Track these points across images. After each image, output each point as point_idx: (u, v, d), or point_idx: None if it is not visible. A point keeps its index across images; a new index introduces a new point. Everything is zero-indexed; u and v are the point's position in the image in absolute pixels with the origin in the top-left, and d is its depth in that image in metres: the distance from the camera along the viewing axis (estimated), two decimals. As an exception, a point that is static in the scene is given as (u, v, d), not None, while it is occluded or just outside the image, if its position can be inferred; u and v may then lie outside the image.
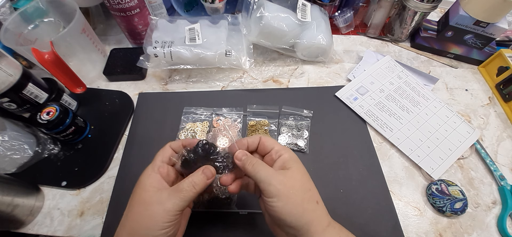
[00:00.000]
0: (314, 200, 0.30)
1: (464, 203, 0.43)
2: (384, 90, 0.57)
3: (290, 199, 0.28)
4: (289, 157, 0.31)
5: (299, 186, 0.29)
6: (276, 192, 0.28)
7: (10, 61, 0.43)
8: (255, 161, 0.31)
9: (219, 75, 0.60)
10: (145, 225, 0.27)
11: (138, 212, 0.28)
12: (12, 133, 0.45)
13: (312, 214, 0.28)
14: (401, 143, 0.50)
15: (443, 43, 0.64)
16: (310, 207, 0.29)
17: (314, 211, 0.29)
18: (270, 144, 0.33)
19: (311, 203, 0.29)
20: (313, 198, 0.30)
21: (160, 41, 0.53)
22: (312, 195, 0.30)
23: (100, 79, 0.60)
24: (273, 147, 0.32)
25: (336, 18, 0.67)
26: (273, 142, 0.33)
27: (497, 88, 0.58)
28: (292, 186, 0.29)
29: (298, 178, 0.30)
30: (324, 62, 0.63)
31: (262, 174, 0.29)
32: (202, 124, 0.52)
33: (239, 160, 0.31)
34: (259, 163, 0.30)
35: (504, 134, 0.53)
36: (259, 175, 0.29)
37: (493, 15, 0.55)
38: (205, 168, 0.31)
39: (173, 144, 0.34)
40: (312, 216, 0.28)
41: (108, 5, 0.55)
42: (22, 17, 0.53)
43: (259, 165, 0.30)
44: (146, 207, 0.28)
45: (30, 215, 0.43)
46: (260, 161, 0.31)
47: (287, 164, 0.30)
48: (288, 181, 0.29)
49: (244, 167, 0.31)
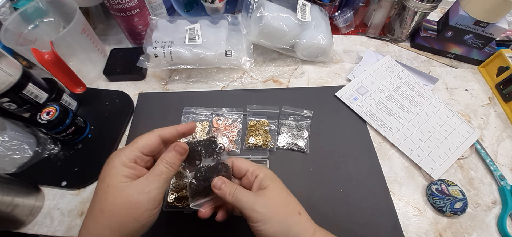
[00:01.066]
0: (296, 212, 0.30)
1: (464, 203, 0.43)
2: (384, 90, 0.57)
3: (274, 219, 0.28)
4: (264, 175, 0.32)
5: (280, 204, 0.30)
6: (261, 216, 0.28)
7: (10, 61, 0.43)
8: (234, 188, 0.30)
9: (219, 75, 0.60)
10: (134, 217, 0.27)
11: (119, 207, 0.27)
12: (12, 133, 0.45)
13: (297, 227, 0.29)
14: (401, 143, 0.50)
15: (443, 43, 0.64)
16: (294, 221, 0.30)
17: (298, 223, 0.30)
18: (244, 166, 0.33)
19: (294, 217, 0.30)
20: (295, 210, 0.31)
21: (160, 41, 0.53)
22: (293, 207, 0.31)
23: (100, 79, 0.60)
24: (247, 168, 0.33)
25: (336, 18, 0.67)
26: (247, 163, 0.33)
27: (497, 88, 0.58)
28: (274, 205, 0.29)
29: (277, 195, 0.30)
30: (324, 62, 0.63)
31: (244, 200, 0.29)
32: (202, 124, 0.52)
33: (217, 188, 0.31)
34: (239, 190, 0.30)
35: (504, 134, 0.53)
36: (241, 203, 0.29)
37: (493, 15, 0.55)
38: (176, 145, 0.31)
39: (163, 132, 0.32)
40: (297, 229, 0.29)
41: (108, 5, 0.55)
42: (22, 17, 0.53)
43: (239, 192, 0.30)
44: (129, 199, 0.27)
45: (30, 215, 0.42)
46: (239, 187, 0.31)
47: (264, 183, 0.31)
48: (269, 201, 0.29)
49: (224, 196, 0.31)
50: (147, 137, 0.31)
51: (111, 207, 0.27)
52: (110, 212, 0.27)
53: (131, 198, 0.27)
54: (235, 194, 0.30)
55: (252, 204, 0.29)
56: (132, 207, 0.27)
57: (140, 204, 0.27)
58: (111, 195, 0.27)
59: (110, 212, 0.27)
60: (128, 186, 0.27)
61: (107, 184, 0.28)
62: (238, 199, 0.30)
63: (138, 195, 0.27)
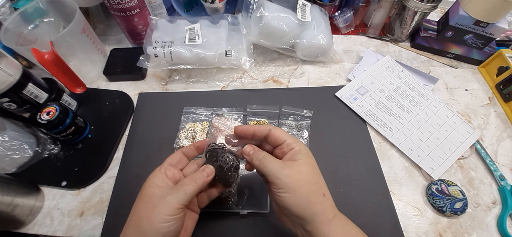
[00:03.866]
0: (321, 193, 0.30)
1: (464, 203, 0.43)
2: (384, 90, 0.57)
3: (297, 191, 0.29)
4: (299, 149, 0.32)
5: (306, 179, 0.30)
6: (283, 184, 0.29)
7: (10, 61, 0.43)
8: (262, 155, 0.32)
9: (219, 75, 0.60)
10: (147, 216, 0.29)
11: (141, 206, 0.30)
12: (12, 133, 0.45)
13: (318, 206, 0.29)
14: (401, 143, 0.50)
15: (443, 43, 0.64)
16: (316, 200, 0.29)
17: (320, 203, 0.30)
18: (281, 137, 0.33)
19: (317, 196, 0.30)
20: (320, 190, 0.30)
21: (160, 41, 0.53)
22: (319, 187, 0.31)
23: (100, 79, 0.60)
24: (285, 140, 0.33)
25: (336, 18, 0.67)
26: (285, 135, 0.33)
27: (497, 88, 0.58)
28: (299, 179, 0.29)
29: (305, 171, 0.30)
30: (324, 62, 0.63)
31: (269, 168, 0.30)
32: (202, 124, 0.52)
33: (246, 154, 0.33)
34: (266, 157, 0.31)
35: (504, 134, 0.53)
36: (266, 169, 0.30)
37: (493, 15, 0.55)
38: (206, 167, 0.33)
39: (184, 150, 0.37)
40: (317, 208, 0.29)
41: (108, 5, 0.55)
42: (22, 17, 0.53)
43: (266, 159, 0.31)
44: (149, 200, 0.30)
45: (30, 215, 0.43)
46: (267, 154, 0.32)
47: (296, 156, 0.31)
48: (295, 173, 0.29)
49: (251, 161, 0.32)
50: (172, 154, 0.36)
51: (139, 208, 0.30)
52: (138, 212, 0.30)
53: (153, 200, 0.30)
54: (262, 159, 0.31)
55: (277, 171, 0.30)
56: (150, 207, 0.29)
57: (157, 207, 0.29)
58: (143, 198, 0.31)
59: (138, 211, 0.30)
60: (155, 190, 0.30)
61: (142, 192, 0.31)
62: (264, 164, 0.31)
63: (158, 199, 0.29)
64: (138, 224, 0.29)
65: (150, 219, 0.28)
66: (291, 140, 0.32)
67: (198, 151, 0.37)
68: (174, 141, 0.50)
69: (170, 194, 0.30)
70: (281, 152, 0.33)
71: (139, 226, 0.29)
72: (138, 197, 0.31)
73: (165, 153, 0.48)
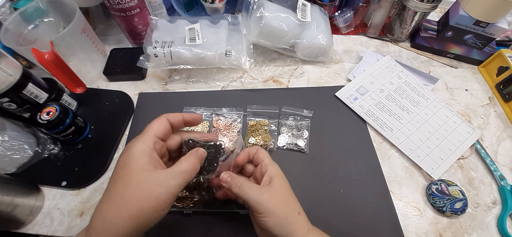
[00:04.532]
0: (296, 211, 0.33)
1: (464, 203, 0.43)
2: (384, 90, 0.57)
3: (276, 214, 0.31)
4: (276, 173, 0.34)
5: (283, 201, 0.32)
6: (264, 209, 0.31)
7: (10, 61, 0.43)
8: (240, 182, 0.33)
9: (219, 75, 0.60)
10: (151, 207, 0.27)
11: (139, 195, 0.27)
12: (12, 133, 0.45)
13: (294, 225, 0.32)
14: (401, 143, 0.50)
15: (443, 43, 0.64)
16: (293, 218, 0.32)
17: (296, 221, 0.32)
18: (261, 157, 0.36)
19: (293, 215, 0.32)
20: (295, 209, 0.33)
21: (160, 41, 0.53)
22: (294, 207, 0.33)
23: (100, 79, 0.60)
24: (263, 159, 0.36)
25: (336, 18, 0.67)
26: (264, 155, 0.36)
27: (497, 88, 0.58)
28: (277, 202, 0.32)
29: (281, 193, 0.33)
30: (324, 62, 0.63)
31: (250, 194, 0.32)
32: (202, 124, 0.52)
33: (224, 182, 0.33)
34: (245, 184, 0.32)
35: (504, 134, 0.53)
36: (247, 196, 0.32)
37: (493, 15, 0.55)
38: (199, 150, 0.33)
39: (170, 117, 0.33)
40: (294, 226, 0.31)
41: (108, 5, 0.55)
42: (22, 17, 0.53)
43: (245, 186, 0.32)
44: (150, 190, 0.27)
45: (30, 215, 0.43)
46: (245, 180, 0.33)
47: (271, 179, 0.34)
48: (273, 197, 0.32)
49: (230, 188, 0.33)
50: (158, 121, 0.32)
51: (131, 195, 0.27)
52: (131, 200, 0.27)
53: (152, 189, 0.27)
54: (241, 186, 0.32)
55: (257, 196, 0.31)
56: (152, 198, 0.27)
57: (160, 197, 0.27)
58: (134, 182, 0.27)
59: (130, 200, 0.27)
60: (151, 176, 0.28)
61: (129, 171, 0.28)
62: (244, 191, 0.32)
63: (158, 187, 0.27)
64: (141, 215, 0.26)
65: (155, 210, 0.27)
66: (267, 160, 0.35)
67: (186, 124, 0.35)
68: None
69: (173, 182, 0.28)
70: (259, 172, 0.36)
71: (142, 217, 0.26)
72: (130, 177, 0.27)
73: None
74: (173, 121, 0.33)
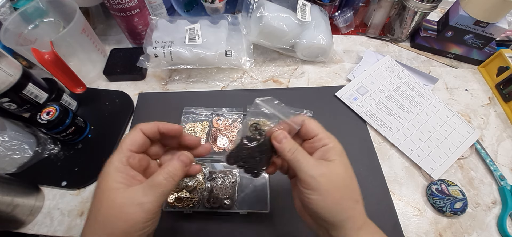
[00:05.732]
0: (354, 198, 0.28)
1: (464, 203, 0.43)
2: (384, 90, 0.57)
3: (330, 195, 0.26)
4: (334, 146, 0.29)
5: (341, 182, 0.27)
6: (316, 185, 0.26)
7: (10, 61, 0.43)
8: (295, 147, 0.28)
9: (219, 75, 0.60)
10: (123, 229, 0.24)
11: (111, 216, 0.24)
12: (12, 133, 0.45)
13: (349, 212, 0.27)
14: (401, 143, 0.50)
15: (443, 43, 0.64)
16: (349, 205, 0.27)
17: (352, 209, 0.27)
18: (313, 129, 0.30)
19: (350, 201, 0.27)
20: (353, 196, 0.28)
21: (160, 41, 0.53)
22: (353, 193, 0.28)
23: (100, 79, 0.60)
24: (317, 133, 0.30)
25: (336, 18, 0.67)
26: (318, 128, 0.30)
27: (497, 88, 0.58)
28: (333, 181, 0.27)
29: (341, 173, 0.28)
30: (324, 62, 0.63)
31: (303, 164, 0.27)
32: (202, 124, 0.52)
33: (278, 141, 0.29)
34: (299, 151, 0.28)
35: (504, 134, 0.53)
36: (299, 164, 0.27)
37: (493, 15, 0.55)
38: (181, 154, 0.29)
39: (144, 127, 0.29)
40: (349, 214, 0.27)
41: (108, 5, 0.55)
42: (22, 17, 0.53)
43: (299, 153, 0.28)
44: (121, 210, 0.24)
45: (30, 215, 0.43)
46: (300, 148, 0.28)
47: (330, 156, 0.28)
48: (330, 175, 0.27)
49: (282, 151, 0.29)
50: (131, 134, 0.29)
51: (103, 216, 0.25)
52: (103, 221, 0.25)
53: (123, 209, 0.24)
54: (295, 153, 0.28)
55: (311, 169, 0.27)
56: (123, 218, 0.24)
57: (131, 216, 0.24)
58: (105, 202, 0.25)
59: (103, 221, 0.25)
60: (122, 193, 0.25)
61: (102, 190, 0.25)
62: (297, 159, 0.27)
63: (130, 206, 0.24)
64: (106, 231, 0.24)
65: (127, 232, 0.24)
66: (324, 134, 0.29)
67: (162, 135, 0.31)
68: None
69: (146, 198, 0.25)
70: (310, 146, 0.30)
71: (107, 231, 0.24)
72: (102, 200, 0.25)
73: (165, 153, 0.48)
74: (148, 132, 0.29)
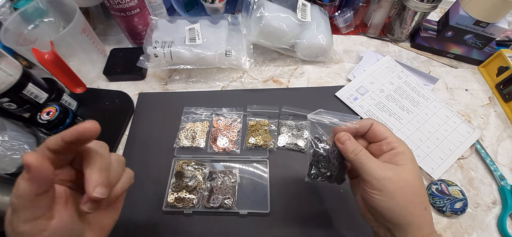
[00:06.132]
0: (423, 206, 0.27)
1: (464, 203, 0.43)
2: (384, 90, 0.57)
3: (396, 198, 0.26)
4: (403, 151, 0.28)
5: (410, 188, 0.26)
6: (381, 187, 0.26)
7: (10, 61, 0.43)
8: (359, 149, 0.28)
9: (219, 75, 0.60)
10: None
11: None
12: (12, 133, 0.45)
13: (416, 218, 0.26)
14: (401, 143, 0.50)
15: (443, 43, 0.64)
16: (416, 212, 0.26)
17: (420, 216, 0.26)
18: (381, 132, 0.29)
19: (418, 208, 0.26)
20: (423, 203, 0.27)
21: (160, 41, 0.53)
22: (422, 200, 0.27)
23: (100, 79, 0.60)
24: (386, 137, 0.29)
25: (336, 18, 0.67)
26: (387, 132, 0.29)
27: (497, 88, 0.58)
28: (401, 186, 0.26)
29: (410, 180, 0.27)
30: (324, 62, 0.63)
31: (367, 166, 0.27)
32: (202, 124, 0.52)
33: (341, 143, 0.29)
34: (364, 153, 0.28)
35: (504, 134, 0.53)
36: (363, 167, 0.27)
37: (493, 15, 0.55)
38: None
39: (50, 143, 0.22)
40: (415, 220, 0.26)
41: (108, 5, 0.55)
42: (22, 17, 0.53)
43: (363, 155, 0.28)
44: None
45: (30, 215, 0.42)
46: (365, 150, 0.28)
47: (399, 160, 0.27)
48: (397, 179, 0.26)
49: (345, 152, 0.29)
50: None
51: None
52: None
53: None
54: (359, 155, 0.28)
55: (375, 171, 0.26)
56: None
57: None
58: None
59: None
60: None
61: None
62: (361, 161, 0.27)
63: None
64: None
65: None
66: (393, 138, 0.29)
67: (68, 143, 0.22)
68: (174, 141, 0.50)
69: None
70: (378, 148, 0.29)
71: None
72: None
73: (165, 153, 0.48)
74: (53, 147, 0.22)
